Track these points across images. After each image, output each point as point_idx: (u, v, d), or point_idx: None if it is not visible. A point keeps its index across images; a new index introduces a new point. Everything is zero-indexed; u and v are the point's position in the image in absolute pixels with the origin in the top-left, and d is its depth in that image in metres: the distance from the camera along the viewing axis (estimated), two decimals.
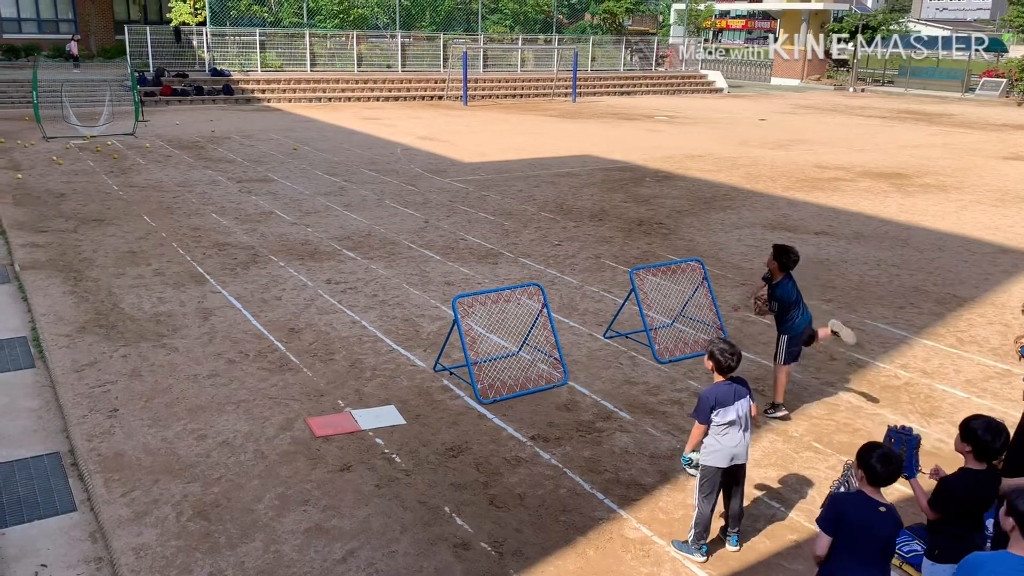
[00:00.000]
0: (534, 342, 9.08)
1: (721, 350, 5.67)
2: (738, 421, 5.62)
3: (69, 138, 22.47)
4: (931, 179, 20.66)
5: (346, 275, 11.75)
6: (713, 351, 5.71)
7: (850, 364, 9.23)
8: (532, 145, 24.44)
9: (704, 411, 5.62)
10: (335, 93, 35.05)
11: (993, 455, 4.64)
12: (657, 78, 45.90)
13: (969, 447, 4.64)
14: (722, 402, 5.60)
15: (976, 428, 4.61)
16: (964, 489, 4.66)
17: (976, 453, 4.63)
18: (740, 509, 5.93)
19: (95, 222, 14.13)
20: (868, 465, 4.41)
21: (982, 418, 4.69)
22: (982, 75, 48.60)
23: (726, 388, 5.67)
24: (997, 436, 4.59)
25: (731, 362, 5.65)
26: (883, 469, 4.39)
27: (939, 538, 4.78)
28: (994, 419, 4.67)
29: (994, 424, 4.64)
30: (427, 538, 5.93)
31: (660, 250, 13.48)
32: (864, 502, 4.43)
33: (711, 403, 5.60)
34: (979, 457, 4.64)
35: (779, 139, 27.34)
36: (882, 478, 4.40)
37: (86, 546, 5.75)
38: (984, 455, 4.63)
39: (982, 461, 4.65)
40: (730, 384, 5.70)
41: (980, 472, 4.67)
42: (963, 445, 4.68)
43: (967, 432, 4.65)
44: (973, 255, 13.78)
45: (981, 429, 4.60)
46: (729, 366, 5.66)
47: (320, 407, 7.83)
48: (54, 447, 7.00)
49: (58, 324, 9.63)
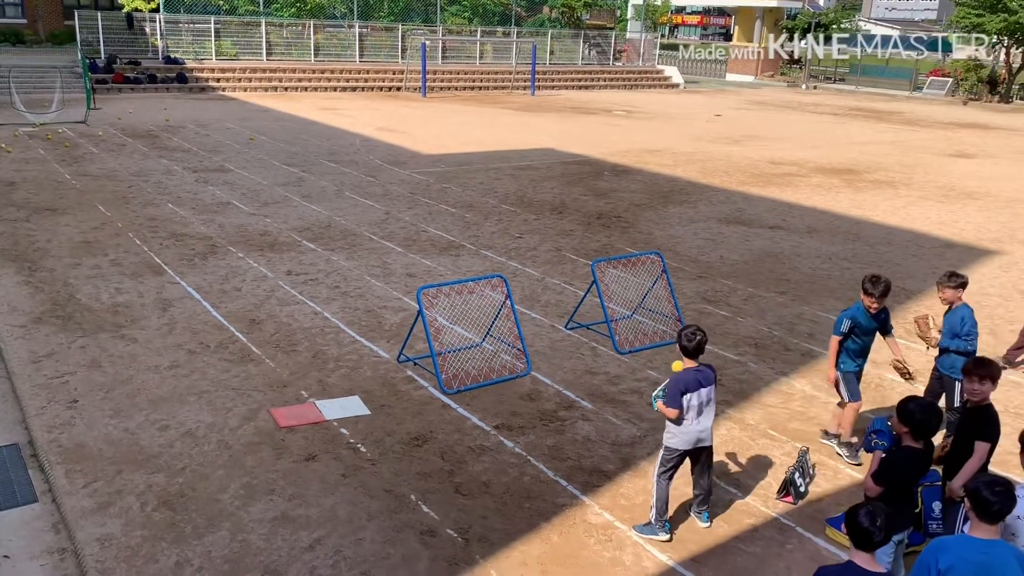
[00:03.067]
0: (497, 333, 9.18)
1: (683, 333, 5.88)
2: (699, 406, 5.80)
3: (17, 125, 21.93)
4: (881, 175, 21.20)
5: (307, 266, 11.72)
6: (679, 335, 5.89)
7: (803, 355, 9.49)
8: (492, 138, 24.49)
9: (675, 396, 5.79)
10: (292, 83, 34.68)
11: (929, 434, 5.03)
12: (615, 73, 46.22)
13: (907, 428, 4.98)
14: (691, 388, 5.78)
15: (913, 410, 4.98)
16: (906, 465, 5.02)
17: (913, 433, 4.98)
18: (709, 487, 6.14)
19: (48, 211, 13.86)
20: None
21: (917, 400, 5.09)
22: (929, 74, 49.81)
23: (693, 374, 5.84)
24: (932, 416, 5.01)
25: (692, 342, 5.81)
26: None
27: None
28: (928, 400, 5.01)
29: (928, 405, 5.07)
30: (393, 525, 6.00)
31: (619, 243, 13.66)
32: None
33: (680, 388, 5.77)
34: (916, 436, 5.00)
35: (734, 134, 27.78)
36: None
37: (49, 537, 5.71)
38: (921, 434, 5.00)
39: (919, 440, 5.01)
40: (698, 370, 5.87)
41: (918, 450, 5.03)
42: (901, 426, 5.02)
43: (904, 414, 4.99)
44: (920, 249, 14.22)
45: (918, 411, 4.97)
46: (692, 348, 5.82)
47: (284, 398, 7.84)
48: (12, 438, 6.92)
49: (13, 315, 9.46)
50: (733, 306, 10.95)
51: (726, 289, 11.60)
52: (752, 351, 9.50)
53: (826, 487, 6.81)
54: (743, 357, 9.30)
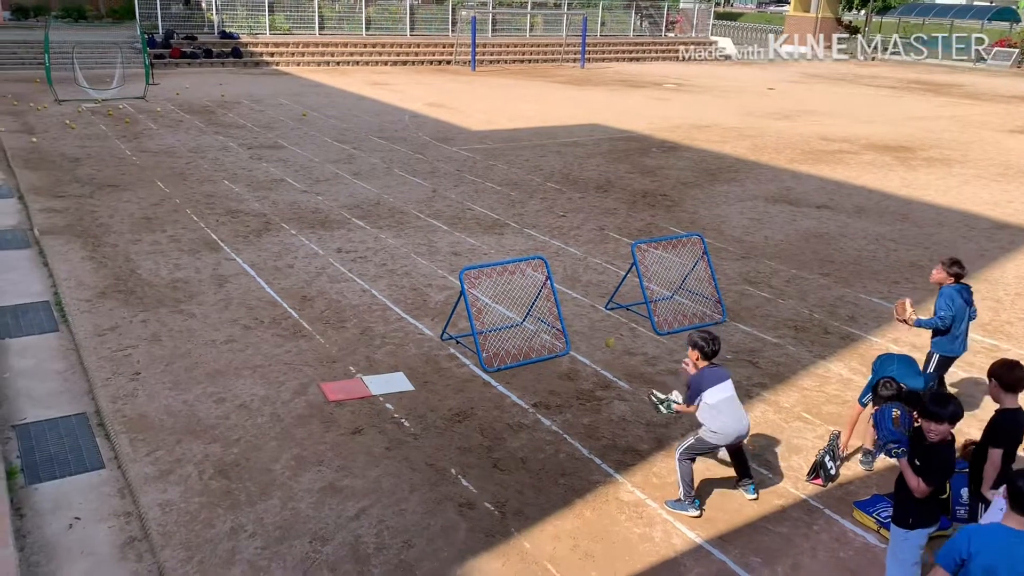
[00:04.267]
0: (537, 313, 9.41)
1: (703, 338, 6.14)
2: (729, 401, 6.03)
3: (81, 101, 22.68)
4: (935, 152, 20.79)
5: (356, 244, 12.07)
6: (695, 340, 6.14)
7: (843, 338, 9.54)
8: (539, 113, 24.56)
9: (693, 394, 6.07)
10: (343, 57, 35.06)
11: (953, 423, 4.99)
12: (667, 44, 45.67)
13: None
14: (712, 382, 5.99)
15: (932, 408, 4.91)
16: (951, 460, 5.08)
17: None
18: (747, 462, 6.44)
19: (110, 187, 14.44)
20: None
21: (932, 396, 5.16)
22: (994, 45, 48.18)
23: (714, 370, 6.08)
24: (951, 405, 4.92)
25: (713, 347, 6.12)
26: None
27: (914, 507, 5.08)
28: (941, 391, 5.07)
29: (942, 395, 5.16)
30: (434, 498, 6.31)
31: (663, 222, 13.75)
32: None
33: (701, 387, 6.01)
34: None
35: (786, 109, 27.40)
36: None
37: (115, 501, 6.15)
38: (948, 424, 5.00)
39: None
40: (716, 367, 6.12)
41: (951, 442, 5.07)
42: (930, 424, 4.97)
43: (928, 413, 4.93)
44: (971, 231, 14.02)
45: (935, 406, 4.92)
46: (713, 351, 6.12)
47: (332, 373, 8.20)
48: (81, 408, 7.39)
49: (79, 289, 9.98)
50: (775, 288, 11.00)
51: (768, 270, 11.65)
52: (791, 334, 9.58)
53: (856, 470, 6.94)
54: (782, 340, 9.39)
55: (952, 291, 7.28)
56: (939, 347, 7.45)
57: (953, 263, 7.39)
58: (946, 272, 7.38)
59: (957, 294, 7.28)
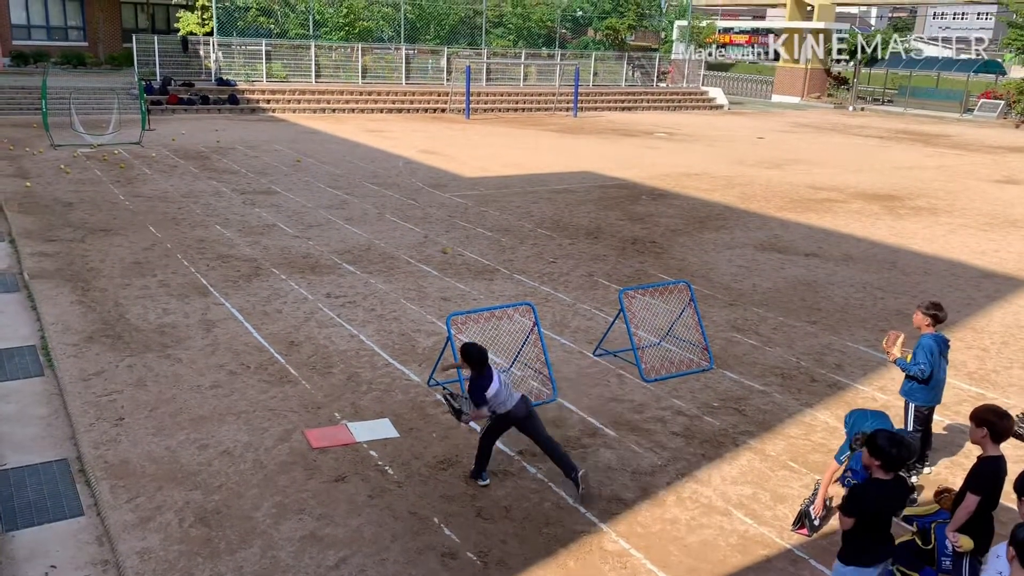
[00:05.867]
0: (525, 359, 9.41)
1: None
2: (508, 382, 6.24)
3: (76, 146, 22.87)
4: (923, 201, 21.03)
5: (345, 289, 12.10)
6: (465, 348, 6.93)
7: (830, 386, 9.55)
8: (532, 160, 24.83)
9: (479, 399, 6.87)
10: (339, 104, 35.49)
11: (897, 466, 5.14)
12: (658, 94, 46.37)
13: (877, 461, 5.13)
14: (489, 380, 6.85)
15: (882, 444, 5.11)
16: (874, 497, 5.14)
17: (884, 465, 5.12)
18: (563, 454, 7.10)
19: (102, 232, 14.49)
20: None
21: (885, 432, 5.22)
22: (980, 96, 49.02)
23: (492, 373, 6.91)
24: (900, 448, 5.10)
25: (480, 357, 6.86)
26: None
27: (849, 543, 5.21)
28: (896, 433, 5.23)
29: (896, 438, 5.17)
30: (416, 547, 6.25)
31: (652, 269, 13.83)
32: None
33: (484, 389, 6.80)
34: (887, 468, 5.13)
35: (776, 158, 27.74)
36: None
37: (93, 549, 6.07)
38: (891, 466, 5.12)
39: (889, 472, 5.14)
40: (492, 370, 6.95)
41: (887, 482, 5.16)
42: (872, 460, 5.17)
43: (874, 448, 5.14)
44: (958, 279, 14.13)
45: (886, 443, 5.10)
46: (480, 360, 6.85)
47: (317, 419, 8.16)
48: (62, 453, 7.33)
49: (66, 333, 9.97)
50: (762, 335, 11.04)
51: (756, 318, 11.69)
52: (778, 381, 9.59)
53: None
54: (769, 387, 9.40)
55: (930, 341, 7.30)
56: (915, 397, 7.43)
57: (931, 305, 7.43)
58: (922, 313, 7.42)
59: (934, 343, 7.31)
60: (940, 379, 7.42)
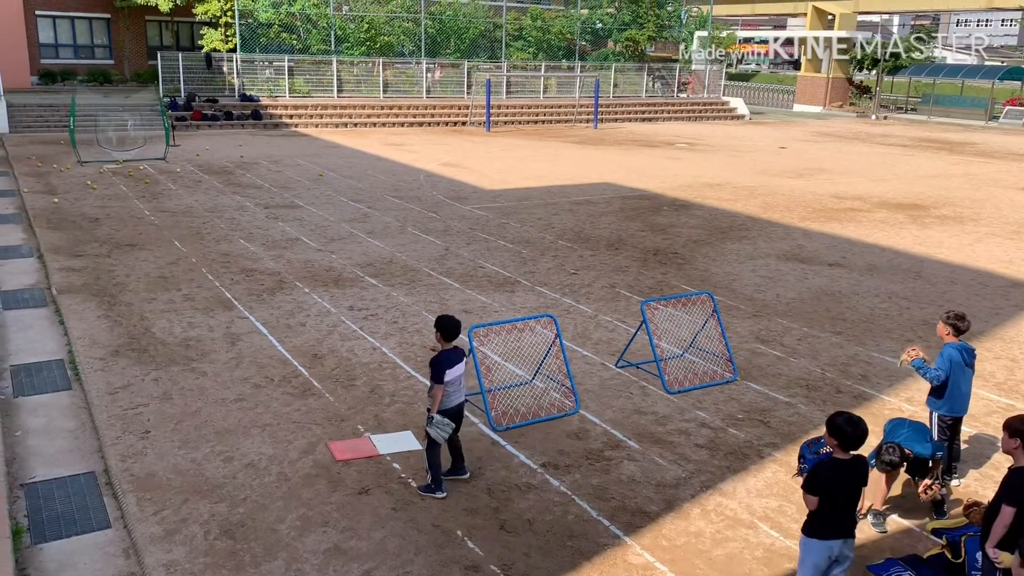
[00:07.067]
0: (547, 371, 9.40)
1: None
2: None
3: (103, 162, 23.19)
4: (948, 210, 20.81)
5: (368, 302, 12.15)
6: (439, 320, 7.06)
7: (855, 397, 9.46)
8: (552, 172, 24.86)
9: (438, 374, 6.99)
10: (361, 119, 35.74)
11: (854, 445, 5.35)
12: (679, 105, 46.29)
13: (836, 440, 5.37)
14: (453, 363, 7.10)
15: (840, 423, 5.32)
16: (832, 476, 5.36)
17: (842, 445, 5.35)
18: None
19: (128, 247, 14.67)
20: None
21: (844, 414, 5.43)
22: (1005, 103, 48.51)
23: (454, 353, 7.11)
24: (855, 427, 5.32)
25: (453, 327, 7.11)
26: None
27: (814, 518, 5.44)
28: (853, 414, 5.39)
29: (853, 418, 5.38)
30: (439, 560, 6.25)
31: (674, 280, 13.77)
32: None
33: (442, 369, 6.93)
34: (844, 447, 5.36)
35: (798, 168, 27.58)
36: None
37: (120, 561, 6.12)
38: (848, 445, 5.34)
39: (847, 451, 5.38)
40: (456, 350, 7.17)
41: (846, 460, 5.40)
42: (831, 439, 5.39)
43: (833, 428, 5.36)
44: (985, 288, 13.95)
45: (843, 423, 5.32)
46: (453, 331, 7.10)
47: (341, 432, 8.19)
48: (90, 466, 7.41)
49: (93, 347, 10.08)
50: (787, 346, 10.95)
51: (780, 328, 11.61)
52: (803, 392, 9.51)
53: (869, 533, 6.81)
54: (793, 399, 9.32)
55: (951, 350, 7.26)
56: (934, 405, 7.43)
57: (953, 316, 7.40)
58: (944, 323, 7.40)
59: (957, 353, 7.24)
60: (963, 390, 7.34)
